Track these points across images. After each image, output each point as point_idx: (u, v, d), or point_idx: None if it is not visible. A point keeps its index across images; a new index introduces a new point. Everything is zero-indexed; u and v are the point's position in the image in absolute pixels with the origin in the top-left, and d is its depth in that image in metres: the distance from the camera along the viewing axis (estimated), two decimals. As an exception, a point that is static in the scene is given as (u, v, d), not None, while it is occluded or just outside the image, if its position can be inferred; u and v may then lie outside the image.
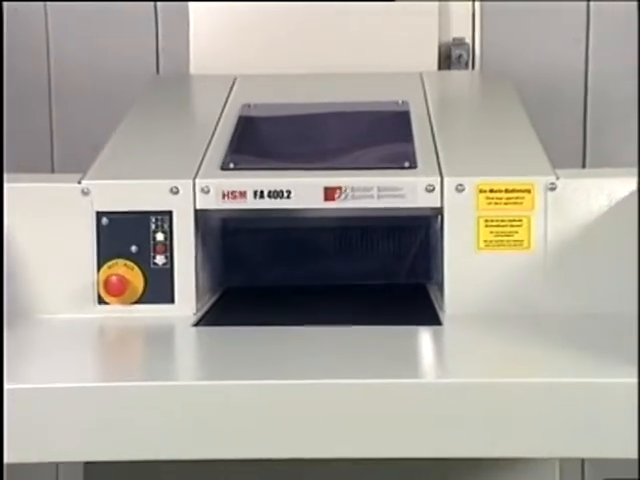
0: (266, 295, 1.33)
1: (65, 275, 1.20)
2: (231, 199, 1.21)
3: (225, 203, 1.21)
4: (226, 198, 1.21)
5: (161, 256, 1.20)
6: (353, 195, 1.20)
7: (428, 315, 1.18)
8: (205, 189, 1.20)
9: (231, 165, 1.26)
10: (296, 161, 1.28)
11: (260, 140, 1.39)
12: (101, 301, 1.20)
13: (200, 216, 1.22)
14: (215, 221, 1.32)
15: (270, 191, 1.20)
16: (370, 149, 1.33)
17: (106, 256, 1.20)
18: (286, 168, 1.24)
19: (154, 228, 1.20)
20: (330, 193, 1.20)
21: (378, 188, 1.20)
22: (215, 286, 1.33)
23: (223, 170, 1.25)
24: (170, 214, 1.20)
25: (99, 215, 1.20)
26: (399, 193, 1.20)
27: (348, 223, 1.33)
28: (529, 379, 0.94)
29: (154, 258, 1.20)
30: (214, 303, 1.27)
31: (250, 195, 1.20)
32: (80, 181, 1.21)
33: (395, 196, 1.20)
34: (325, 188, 1.20)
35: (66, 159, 2.15)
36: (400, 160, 1.25)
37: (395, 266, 1.38)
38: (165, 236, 1.20)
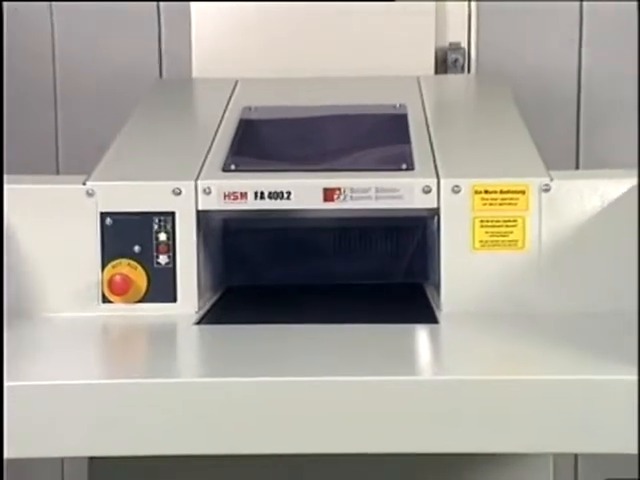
0: (266, 294, 1.33)
1: (70, 274, 1.20)
2: (232, 200, 1.21)
3: (226, 204, 1.21)
4: (227, 199, 1.21)
5: (164, 256, 1.20)
6: (352, 196, 1.20)
7: (425, 314, 1.18)
8: (207, 190, 1.20)
9: (232, 167, 1.26)
10: (296, 163, 1.27)
11: (261, 142, 1.39)
12: (105, 300, 1.20)
13: (202, 217, 1.22)
14: (217, 221, 1.31)
15: (270, 192, 1.20)
16: (368, 151, 1.33)
17: (110, 256, 1.20)
18: (286, 170, 1.24)
19: (157, 228, 1.20)
20: (329, 194, 1.20)
21: (376, 189, 1.20)
22: (216, 285, 1.32)
23: (224, 172, 1.25)
24: (173, 215, 1.20)
25: (103, 216, 1.20)
26: (397, 194, 1.20)
27: (347, 223, 1.33)
28: (524, 376, 0.94)
29: (157, 258, 1.20)
30: (216, 302, 1.27)
31: (251, 196, 1.20)
32: (85, 182, 1.21)
33: (393, 197, 1.20)
34: (324, 189, 1.20)
35: (71, 160, 2.15)
36: (398, 162, 1.25)
37: (393, 266, 1.38)
38: (168, 236, 1.20)
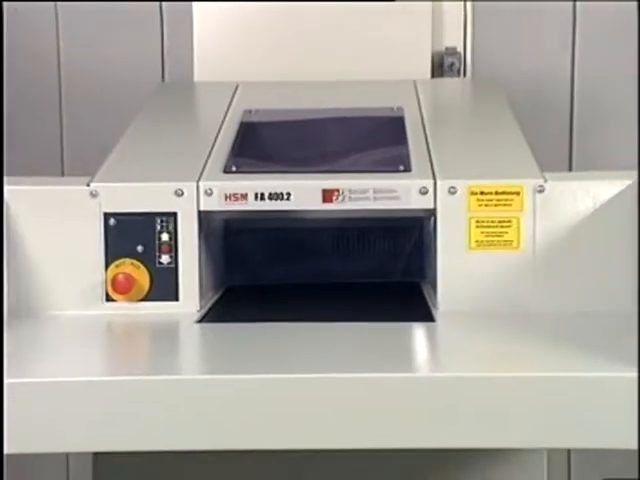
0: (267, 293, 1.32)
1: (74, 273, 1.19)
2: (233, 201, 1.20)
3: (227, 205, 1.21)
4: (228, 200, 1.20)
5: (166, 256, 1.20)
6: (350, 197, 1.20)
7: (422, 312, 1.18)
8: (208, 191, 1.20)
9: (233, 168, 1.26)
10: (295, 164, 1.27)
11: (261, 144, 1.39)
12: (109, 298, 1.19)
13: (203, 217, 1.22)
14: (218, 222, 1.31)
15: (270, 193, 1.20)
16: (366, 153, 1.33)
17: (113, 255, 1.20)
18: (286, 171, 1.24)
19: (159, 229, 1.20)
20: (328, 195, 1.20)
21: (374, 190, 1.20)
22: (218, 284, 1.32)
23: (225, 173, 1.25)
24: (175, 215, 1.20)
25: (107, 216, 1.20)
26: (394, 195, 1.20)
27: (345, 224, 1.33)
28: (519, 373, 0.94)
29: (159, 257, 1.20)
30: (217, 301, 1.27)
31: (251, 197, 1.20)
32: (89, 184, 1.21)
33: (390, 198, 1.20)
34: (323, 190, 1.20)
35: (75, 162, 2.15)
36: (395, 164, 1.25)
37: (390, 265, 1.38)
38: (170, 236, 1.20)
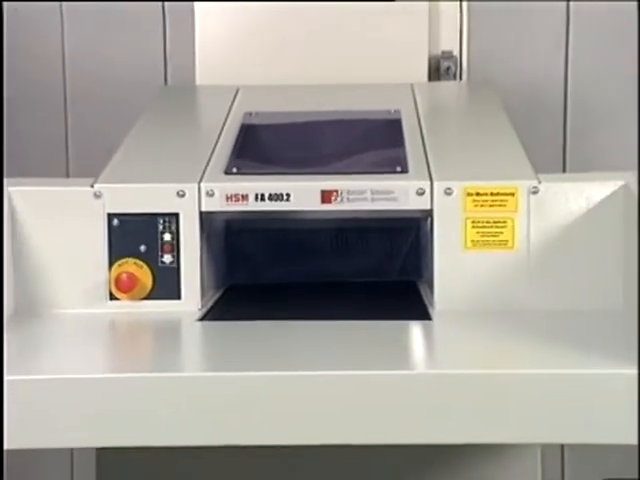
0: (267, 292, 1.32)
1: (78, 273, 1.19)
2: (234, 202, 1.20)
3: (228, 205, 1.20)
4: (229, 201, 1.20)
5: (168, 255, 1.20)
6: (348, 198, 1.20)
7: (419, 311, 1.18)
8: (210, 192, 1.20)
9: (234, 170, 1.26)
10: (295, 166, 1.27)
11: (261, 146, 1.38)
12: (112, 297, 1.19)
13: (205, 218, 1.21)
14: (219, 222, 1.31)
15: (271, 194, 1.20)
16: (364, 155, 1.33)
17: (117, 255, 1.19)
18: (285, 172, 1.24)
19: (162, 229, 1.20)
20: (327, 196, 1.20)
21: (372, 191, 1.20)
22: (219, 283, 1.32)
23: (227, 174, 1.24)
24: (177, 216, 1.20)
25: (110, 217, 1.20)
26: (391, 196, 1.19)
27: (344, 224, 1.33)
28: (514, 370, 0.94)
29: (162, 257, 1.20)
30: (218, 299, 1.27)
31: (252, 198, 1.20)
32: (93, 185, 1.21)
33: (388, 199, 1.20)
34: (322, 191, 1.20)
35: (80, 163, 2.15)
36: (392, 165, 1.25)
37: (388, 264, 1.38)
38: (172, 236, 1.20)
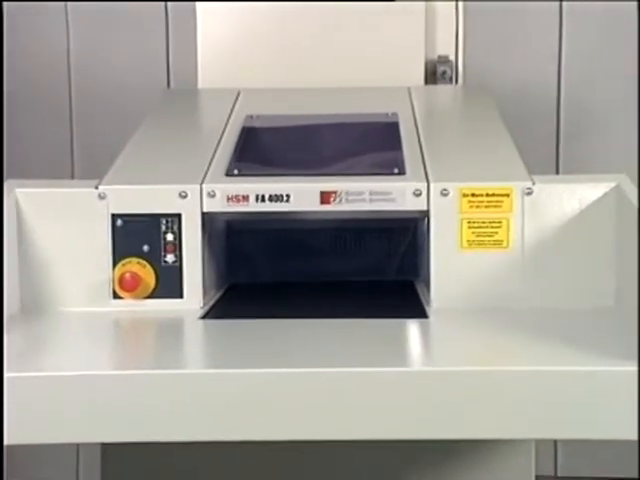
0: (267, 290, 1.32)
1: (83, 272, 1.19)
2: (235, 202, 1.20)
3: (229, 206, 1.20)
4: (230, 202, 1.20)
5: (171, 255, 1.20)
6: (347, 199, 1.20)
7: (416, 309, 1.18)
8: (211, 193, 1.20)
9: (235, 171, 1.25)
10: (295, 168, 1.27)
11: (262, 148, 1.38)
12: (116, 296, 1.19)
13: (207, 218, 1.21)
14: (220, 223, 1.31)
15: (271, 195, 1.20)
16: (362, 157, 1.33)
17: (120, 255, 1.19)
18: (285, 174, 1.24)
19: (164, 229, 1.19)
20: (326, 197, 1.20)
21: (370, 192, 1.20)
22: (220, 282, 1.32)
23: (228, 176, 1.24)
24: (179, 216, 1.20)
25: (114, 217, 1.20)
26: (389, 197, 1.19)
27: (342, 225, 1.33)
28: (509, 367, 0.94)
29: (164, 257, 1.20)
30: (219, 298, 1.27)
31: (252, 199, 1.20)
32: (97, 186, 1.21)
33: (385, 200, 1.19)
34: (321, 192, 1.20)
35: (85, 163, 2.15)
36: (390, 167, 1.25)
37: (385, 264, 1.38)
38: (174, 236, 1.19)
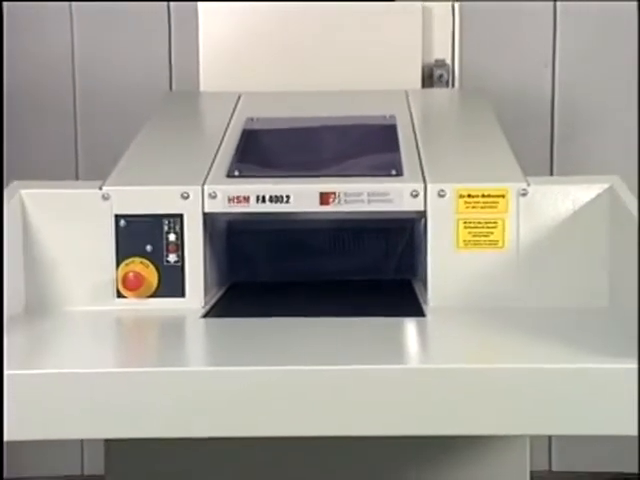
0: (268, 289, 1.32)
1: (87, 272, 1.19)
2: (236, 203, 1.20)
3: (230, 207, 1.20)
4: (231, 202, 1.20)
5: (173, 255, 1.19)
6: (346, 200, 1.19)
7: (413, 307, 1.18)
8: (213, 194, 1.20)
9: (236, 173, 1.25)
10: (294, 169, 1.27)
11: (262, 150, 1.38)
12: (119, 295, 1.19)
13: (208, 219, 1.21)
14: (221, 223, 1.31)
15: (271, 196, 1.20)
16: (361, 158, 1.32)
17: (124, 255, 1.19)
18: (285, 175, 1.24)
19: (167, 229, 1.19)
20: (325, 198, 1.20)
21: (368, 193, 1.19)
22: (221, 281, 1.32)
23: (229, 177, 1.24)
24: (181, 217, 1.19)
25: (118, 218, 1.19)
26: (387, 198, 1.19)
27: (341, 225, 1.33)
28: (505, 365, 0.93)
29: (167, 256, 1.19)
30: (221, 297, 1.26)
31: (253, 200, 1.20)
32: (101, 187, 1.20)
33: (383, 201, 1.19)
34: (320, 193, 1.20)
35: (89, 163, 2.15)
36: (388, 168, 1.25)
37: (383, 263, 1.37)
38: (177, 237, 1.19)
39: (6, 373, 0.91)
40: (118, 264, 1.19)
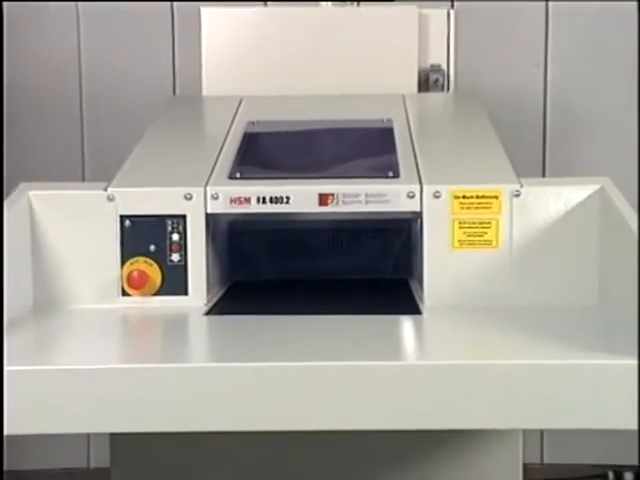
0: (268, 288, 1.32)
1: (93, 271, 1.19)
2: (237, 204, 1.20)
3: (232, 208, 1.20)
4: (233, 203, 1.20)
5: (176, 254, 1.19)
6: (344, 201, 1.19)
7: (409, 306, 1.17)
8: (215, 195, 1.20)
9: (237, 175, 1.25)
10: (294, 171, 1.27)
11: (263, 153, 1.38)
12: (124, 293, 1.19)
13: (210, 219, 1.21)
14: (223, 223, 1.31)
15: (271, 197, 1.19)
16: (359, 160, 1.32)
17: (129, 254, 1.19)
18: (285, 177, 1.24)
19: (170, 230, 1.19)
20: (324, 199, 1.19)
21: (366, 194, 1.19)
22: (223, 280, 1.32)
23: (231, 179, 1.24)
24: (184, 217, 1.19)
25: (122, 218, 1.19)
26: (384, 199, 1.19)
27: (340, 225, 1.33)
28: (499, 361, 0.93)
29: (170, 256, 1.19)
30: (223, 295, 1.26)
31: (254, 201, 1.20)
32: (106, 188, 1.20)
33: (380, 201, 1.19)
34: (319, 194, 1.19)
35: (95, 165, 2.15)
36: (385, 170, 1.24)
37: (381, 263, 1.37)
38: (180, 237, 1.19)
39: (15, 369, 0.91)
40: (123, 263, 1.19)
